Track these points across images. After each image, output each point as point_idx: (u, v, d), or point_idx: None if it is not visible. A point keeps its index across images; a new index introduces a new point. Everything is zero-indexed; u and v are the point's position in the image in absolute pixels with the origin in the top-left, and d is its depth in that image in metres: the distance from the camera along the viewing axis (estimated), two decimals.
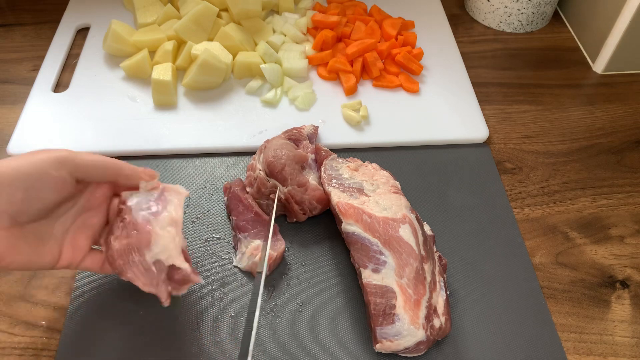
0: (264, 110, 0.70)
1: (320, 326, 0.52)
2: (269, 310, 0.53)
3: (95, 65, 0.74)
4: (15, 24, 0.83)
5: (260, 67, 0.71)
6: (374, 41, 0.74)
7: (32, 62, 0.77)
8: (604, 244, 0.60)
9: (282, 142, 0.59)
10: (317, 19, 0.77)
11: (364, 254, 0.51)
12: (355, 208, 0.52)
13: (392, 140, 0.67)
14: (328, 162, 0.59)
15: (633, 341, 0.53)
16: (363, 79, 0.75)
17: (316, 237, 0.58)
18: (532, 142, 0.70)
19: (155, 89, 0.68)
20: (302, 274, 0.55)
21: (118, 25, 0.73)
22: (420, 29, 0.82)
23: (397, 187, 0.56)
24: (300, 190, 0.56)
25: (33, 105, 0.69)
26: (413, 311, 0.48)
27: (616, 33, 0.75)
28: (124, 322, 0.51)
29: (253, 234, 0.56)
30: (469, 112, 0.71)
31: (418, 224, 0.53)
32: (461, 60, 0.78)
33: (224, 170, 0.64)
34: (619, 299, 0.55)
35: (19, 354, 0.50)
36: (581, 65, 0.80)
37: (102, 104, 0.69)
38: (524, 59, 0.81)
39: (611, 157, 0.68)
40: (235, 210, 0.57)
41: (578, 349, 0.52)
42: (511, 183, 0.65)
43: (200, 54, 0.68)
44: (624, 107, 0.74)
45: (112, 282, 0.54)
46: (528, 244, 0.59)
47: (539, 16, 0.84)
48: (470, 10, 0.88)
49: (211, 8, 0.73)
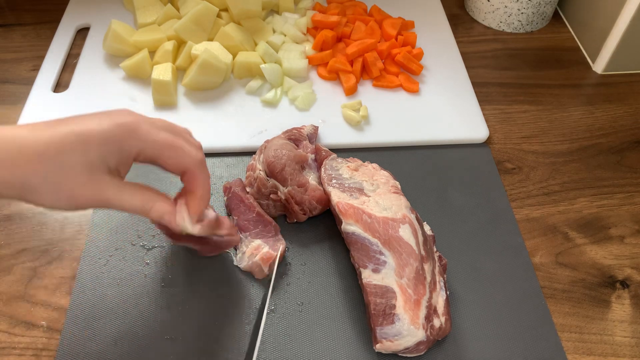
0: (264, 110, 0.70)
1: (320, 326, 0.52)
2: (269, 311, 0.52)
3: (95, 65, 0.74)
4: (15, 24, 0.83)
5: (260, 67, 0.71)
6: (374, 41, 0.74)
7: (32, 62, 0.77)
8: (604, 244, 0.60)
9: (282, 142, 0.59)
10: (317, 19, 0.77)
11: (364, 254, 0.51)
12: (355, 208, 0.52)
13: (392, 140, 0.67)
14: (328, 162, 0.59)
15: (633, 341, 0.53)
16: (363, 79, 0.75)
17: (316, 237, 0.58)
18: (532, 142, 0.70)
19: (155, 89, 0.68)
20: (302, 274, 0.55)
21: (118, 25, 0.73)
22: (420, 29, 0.82)
23: (397, 187, 0.56)
24: (300, 190, 0.56)
25: (33, 105, 0.69)
26: (413, 311, 0.48)
27: (616, 33, 0.75)
28: (124, 322, 0.51)
29: (254, 233, 0.56)
30: (469, 112, 0.71)
31: (418, 224, 0.53)
32: (461, 60, 0.78)
33: (224, 170, 0.64)
34: (619, 299, 0.55)
35: (19, 354, 0.50)
36: (581, 65, 0.80)
37: (102, 104, 0.69)
38: (524, 59, 0.81)
39: (611, 157, 0.68)
40: (237, 210, 0.57)
41: (578, 349, 0.52)
42: (511, 183, 0.65)
43: (200, 54, 0.68)
44: (624, 107, 0.74)
45: (113, 282, 0.54)
46: (528, 244, 0.59)
47: (539, 16, 0.84)
48: (470, 10, 0.88)
49: (211, 8, 0.73)
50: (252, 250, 0.54)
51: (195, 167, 0.45)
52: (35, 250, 0.57)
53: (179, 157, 0.44)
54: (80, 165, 0.40)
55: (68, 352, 0.49)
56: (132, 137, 0.42)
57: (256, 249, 0.54)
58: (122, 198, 0.43)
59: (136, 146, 0.42)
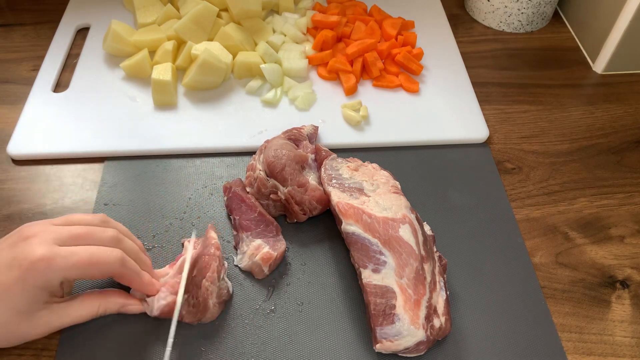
0: (264, 110, 0.70)
1: (320, 326, 0.52)
2: (269, 310, 0.53)
3: (95, 65, 0.74)
4: (15, 24, 0.83)
5: (260, 67, 0.71)
6: (374, 41, 0.74)
7: (32, 62, 0.77)
8: (604, 244, 0.60)
9: (282, 142, 0.59)
10: (317, 19, 0.77)
11: (364, 254, 0.51)
12: (355, 208, 0.52)
13: (392, 140, 0.67)
14: (328, 162, 0.59)
15: (633, 341, 0.53)
16: (363, 79, 0.75)
17: (316, 237, 0.58)
18: (532, 142, 0.70)
19: (155, 89, 0.68)
20: (302, 274, 0.55)
21: (118, 25, 0.73)
22: (420, 29, 0.82)
23: (397, 187, 0.56)
24: (300, 190, 0.56)
25: (33, 105, 0.69)
26: (413, 311, 0.48)
27: (616, 33, 0.75)
28: (124, 322, 0.51)
29: (256, 233, 0.56)
30: (469, 112, 0.71)
31: (418, 224, 0.53)
32: (461, 60, 0.78)
33: (224, 170, 0.64)
34: (619, 299, 0.55)
35: (19, 354, 0.50)
36: (581, 65, 0.80)
37: (102, 104, 0.69)
38: (524, 59, 0.81)
39: (611, 157, 0.68)
40: (238, 209, 0.57)
41: (578, 349, 0.52)
42: (511, 183, 0.65)
43: (200, 54, 0.68)
44: (624, 107, 0.74)
45: (113, 282, 0.54)
46: (528, 244, 0.59)
47: (539, 16, 0.84)
48: (470, 10, 0.88)
49: (211, 8, 0.73)
50: (253, 250, 0.54)
51: (118, 270, 0.46)
52: None
53: (101, 270, 0.45)
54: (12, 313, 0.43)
55: (68, 352, 0.49)
56: (50, 272, 0.43)
57: (257, 248, 0.54)
58: (71, 316, 0.46)
59: (57, 277, 0.44)
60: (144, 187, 0.62)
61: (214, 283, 0.50)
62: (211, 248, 0.52)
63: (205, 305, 0.49)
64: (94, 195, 0.61)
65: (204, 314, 0.50)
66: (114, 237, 0.47)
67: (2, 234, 0.58)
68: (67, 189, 0.62)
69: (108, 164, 0.64)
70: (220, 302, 0.51)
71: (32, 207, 0.60)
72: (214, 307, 0.50)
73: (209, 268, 0.50)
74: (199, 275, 0.50)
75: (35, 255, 0.43)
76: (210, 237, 0.53)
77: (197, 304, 0.49)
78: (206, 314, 0.50)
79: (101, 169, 0.64)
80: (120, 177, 0.63)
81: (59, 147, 0.65)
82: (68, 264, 0.43)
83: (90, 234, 0.46)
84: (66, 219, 0.48)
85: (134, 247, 0.49)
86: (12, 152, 0.64)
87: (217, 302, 0.51)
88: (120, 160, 0.64)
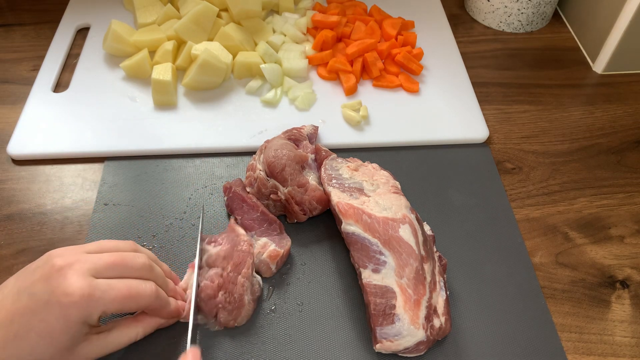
0: (264, 110, 0.70)
1: (320, 326, 0.52)
2: (269, 310, 0.53)
3: (95, 65, 0.74)
4: (15, 24, 0.83)
5: (260, 67, 0.71)
6: (374, 41, 0.74)
7: (32, 62, 0.77)
8: (604, 244, 0.60)
9: (282, 142, 0.59)
10: (317, 19, 0.77)
11: (364, 254, 0.51)
12: (355, 208, 0.52)
13: (392, 140, 0.67)
14: (328, 162, 0.59)
15: (633, 341, 0.53)
16: (363, 79, 0.75)
17: (316, 237, 0.58)
18: (532, 142, 0.70)
19: (155, 89, 0.68)
20: (302, 274, 0.55)
21: (118, 25, 0.73)
22: (420, 29, 0.82)
23: (397, 187, 0.56)
24: (300, 190, 0.56)
25: (33, 105, 0.69)
26: (413, 311, 0.48)
27: (616, 33, 0.75)
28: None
29: (260, 232, 0.56)
30: (469, 112, 0.71)
31: (418, 224, 0.53)
32: (461, 60, 0.78)
33: (224, 170, 0.64)
34: (619, 299, 0.55)
35: None
36: (581, 65, 0.80)
37: (102, 104, 0.69)
38: (524, 59, 0.81)
39: (611, 157, 0.68)
40: (239, 209, 0.57)
41: (578, 349, 0.52)
42: (511, 183, 0.65)
43: (200, 54, 0.68)
44: (624, 107, 0.74)
45: None
46: (528, 244, 0.59)
47: (539, 16, 0.84)
48: (470, 10, 0.88)
49: (211, 8, 0.73)
50: (260, 249, 0.54)
51: (152, 303, 0.46)
52: (35, 250, 0.57)
53: (138, 303, 0.45)
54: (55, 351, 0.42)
55: None
56: (91, 307, 0.42)
57: (263, 246, 0.54)
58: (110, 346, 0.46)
59: (98, 312, 0.43)
60: (144, 187, 0.62)
61: (248, 279, 0.50)
62: (244, 244, 0.52)
63: (241, 301, 0.50)
64: (94, 195, 0.61)
65: (240, 312, 0.50)
66: (146, 264, 0.47)
67: (2, 234, 0.58)
68: (67, 189, 0.62)
69: (108, 164, 0.64)
70: (254, 300, 0.51)
71: (32, 207, 0.60)
72: (249, 305, 0.51)
73: (244, 264, 0.51)
74: (235, 271, 0.50)
75: (74, 290, 0.41)
76: (239, 234, 0.54)
77: (233, 301, 0.50)
78: (242, 312, 0.50)
79: (101, 169, 0.64)
80: (120, 177, 0.63)
81: (59, 147, 0.65)
82: (108, 299, 0.43)
83: (123, 262, 0.45)
84: (99, 246, 0.47)
85: (161, 273, 0.49)
86: (12, 152, 0.64)
87: (252, 298, 0.51)
88: (120, 160, 0.64)
